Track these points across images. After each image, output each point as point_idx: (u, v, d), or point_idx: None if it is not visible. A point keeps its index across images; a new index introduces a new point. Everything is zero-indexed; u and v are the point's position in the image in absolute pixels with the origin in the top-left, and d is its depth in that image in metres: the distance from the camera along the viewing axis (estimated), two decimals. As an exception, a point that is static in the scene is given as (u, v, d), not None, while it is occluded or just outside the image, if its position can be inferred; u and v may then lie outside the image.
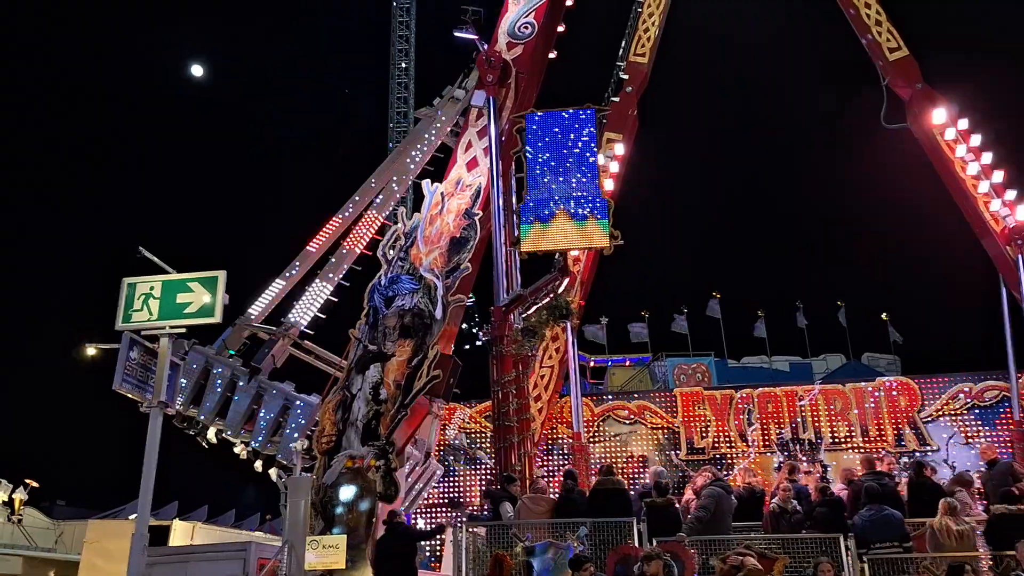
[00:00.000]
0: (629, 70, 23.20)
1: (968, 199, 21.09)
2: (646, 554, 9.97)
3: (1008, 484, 11.98)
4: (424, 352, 14.31)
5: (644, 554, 10.06)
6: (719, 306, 36.58)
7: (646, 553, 10.06)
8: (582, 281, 21.29)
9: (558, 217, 15.38)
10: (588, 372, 35.75)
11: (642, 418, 22.37)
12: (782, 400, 22.08)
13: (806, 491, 12.86)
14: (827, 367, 37.79)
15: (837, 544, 10.91)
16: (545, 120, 16.08)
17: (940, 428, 21.31)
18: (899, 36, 22.66)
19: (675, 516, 12.23)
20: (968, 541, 10.53)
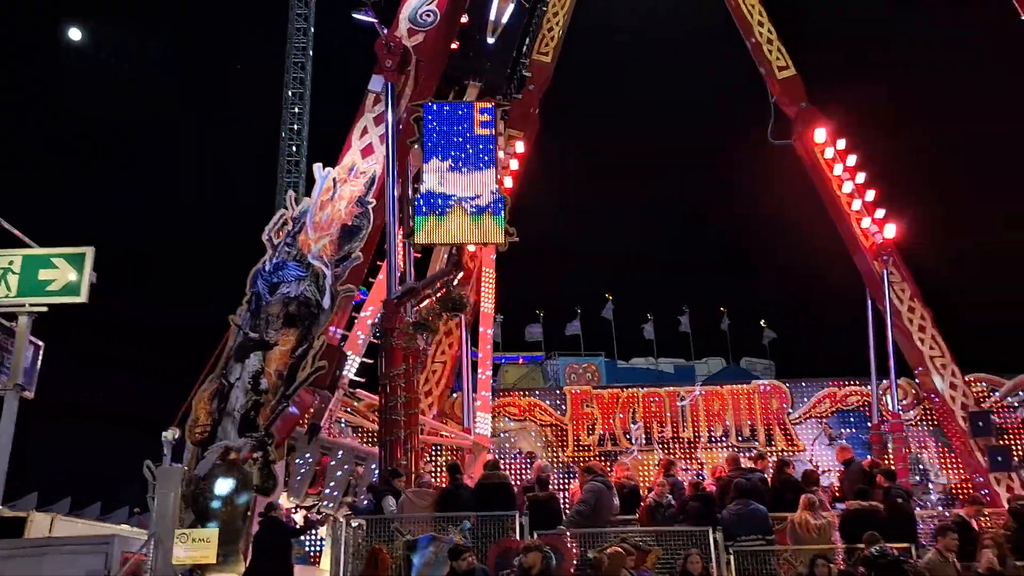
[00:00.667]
0: (532, 68, 23.32)
1: (843, 216, 22.29)
2: (526, 546, 10.08)
3: (863, 482, 12.69)
4: (309, 342, 13.98)
5: (524, 546, 10.17)
6: (612, 308, 37.44)
7: (526, 545, 10.18)
8: (478, 277, 21.32)
9: (454, 210, 15.31)
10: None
11: (532, 415, 22.64)
12: (665, 400, 22.79)
13: (682, 486, 13.27)
14: (709, 369, 39.27)
15: (707, 537, 11.29)
16: (444, 111, 15.97)
17: (807, 430, 22.46)
18: (788, 55, 23.70)
19: (556, 510, 12.43)
20: (825, 534, 11.12)
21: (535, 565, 9.74)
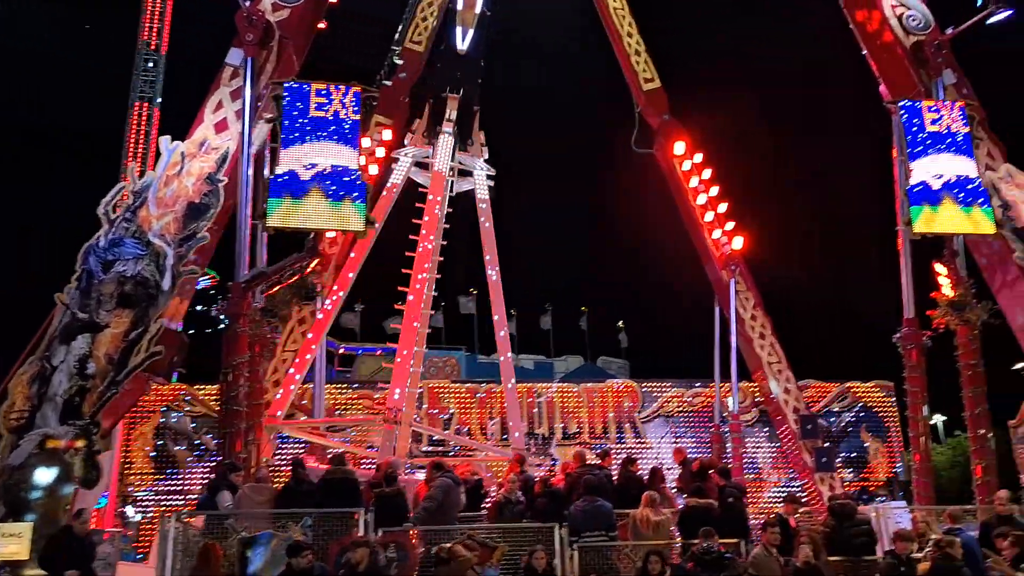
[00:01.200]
0: (404, 56, 22.88)
1: (696, 226, 23.24)
2: (353, 541, 9.85)
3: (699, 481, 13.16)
4: (145, 325, 13.08)
5: (352, 541, 9.93)
6: (474, 303, 37.44)
7: (353, 540, 9.94)
8: (337, 264, 20.72)
9: (312, 194, 14.78)
10: (336, 359, 35.07)
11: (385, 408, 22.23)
12: (523, 396, 22.99)
13: (533, 482, 13.34)
14: (567, 367, 40.00)
15: (552, 533, 11.40)
16: (307, 91, 15.39)
17: (657, 428, 23.29)
18: (654, 68, 24.44)
19: (404, 506, 12.21)
20: (663, 530, 11.46)
21: (362, 561, 9.54)
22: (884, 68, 18.63)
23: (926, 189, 15.05)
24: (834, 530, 11.31)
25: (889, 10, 18.45)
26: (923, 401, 15.42)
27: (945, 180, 15.21)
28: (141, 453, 20.66)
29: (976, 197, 15.14)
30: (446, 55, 21.27)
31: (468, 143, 21.30)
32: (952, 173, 15.28)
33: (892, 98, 17.38)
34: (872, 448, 22.26)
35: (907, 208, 15.07)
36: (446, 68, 21.17)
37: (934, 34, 18.05)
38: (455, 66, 21.01)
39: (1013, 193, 15.61)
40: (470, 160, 21.23)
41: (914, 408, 15.39)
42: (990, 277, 16.43)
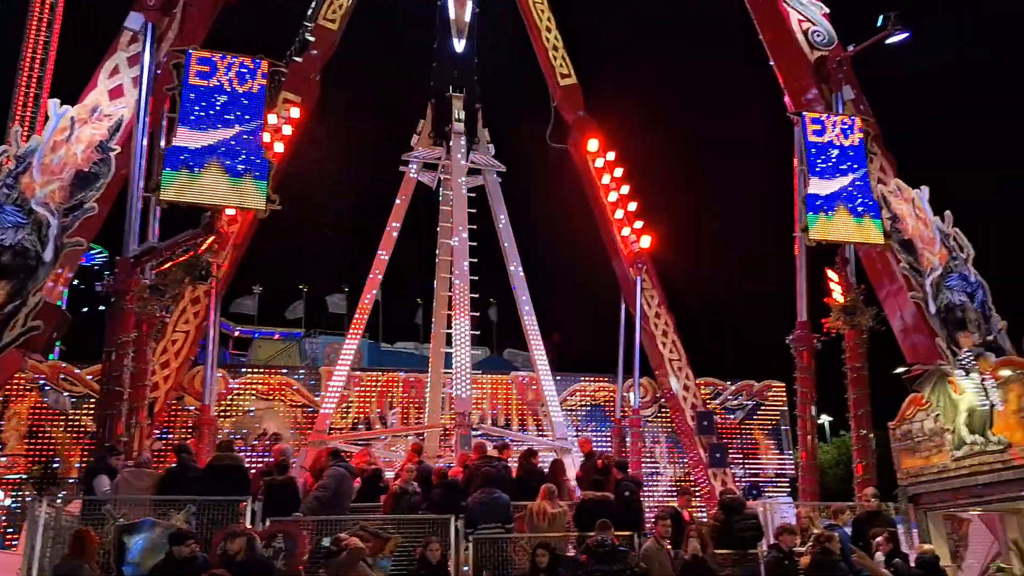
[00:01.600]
0: (317, 33, 22.33)
1: (607, 222, 23.52)
2: (231, 531, 9.51)
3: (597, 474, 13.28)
4: (23, 298, 12.26)
5: (228, 531, 9.58)
6: (380, 290, 36.86)
7: (231, 531, 9.59)
8: (235, 244, 20.02)
9: (210, 169, 14.16)
10: (231, 342, 34.04)
11: (282, 395, 21.70)
12: (426, 386, 22.76)
13: (429, 472, 13.19)
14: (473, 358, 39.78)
15: (448, 524, 11.28)
16: (210, 62, 14.74)
17: (560, 421, 23.44)
18: (571, 64, 24.57)
19: (295, 496, 11.87)
20: (559, 523, 11.51)
21: (240, 551, 9.25)
22: (788, 79, 19.24)
23: (822, 198, 15.59)
24: (723, 523, 11.61)
25: (796, 24, 19.10)
26: (811, 401, 16.01)
27: (840, 191, 15.82)
28: (15, 434, 19.46)
29: (868, 209, 15.80)
30: (442, 56, 22.17)
31: (475, 141, 22.38)
32: (846, 185, 15.91)
33: (795, 109, 17.98)
34: (763, 445, 23.01)
35: (804, 215, 15.58)
36: (442, 69, 22.18)
37: (837, 50, 18.76)
38: (452, 66, 22.08)
39: (901, 207, 16.33)
40: (478, 157, 22.21)
41: (803, 408, 15.98)
42: (877, 285, 17.15)
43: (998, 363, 13.42)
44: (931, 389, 14.33)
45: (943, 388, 14.06)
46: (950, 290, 15.24)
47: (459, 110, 21.65)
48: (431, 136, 22.14)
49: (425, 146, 22.08)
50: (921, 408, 14.48)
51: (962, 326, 14.74)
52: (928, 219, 16.11)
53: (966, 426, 13.53)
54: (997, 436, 13.05)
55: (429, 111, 22.23)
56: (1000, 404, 13.10)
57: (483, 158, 22.32)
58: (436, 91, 22.39)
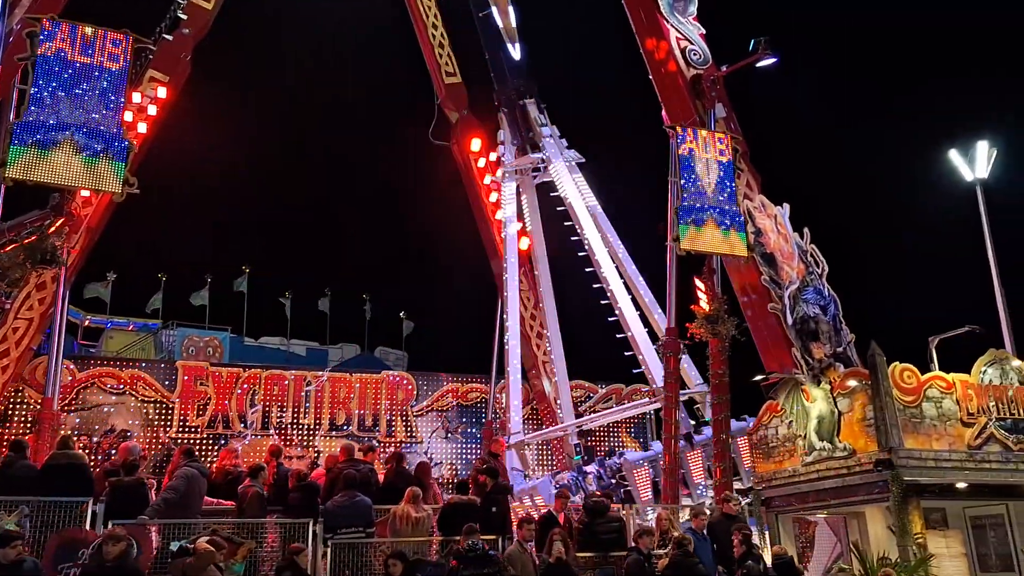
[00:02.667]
0: (190, 11, 21.39)
1: (487, 222, 23.55)
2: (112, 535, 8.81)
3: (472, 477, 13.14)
4: None
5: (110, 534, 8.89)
6: (247, 281, 35.59)
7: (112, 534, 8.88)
8: (89, 227, 18.76)
9: (63, 146, 13.21)
10: (80, 332, 32.01)
11: (134, 389, 20.51)
12: (290, 383, 22.07)
13: (287, 475, 12.73)
14: (343, 355, 39.07)
15: (306, 529, 10.93)
16: (69, 33, 13.78)
17: (428, 423, 23.24)
18: (456, 63, 24.50)
19: (143, 497, 11.19)
20: (423, 527, 11.34)
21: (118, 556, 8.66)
22: (666, 95, 19.86)
23: (693, 210, 16.12)
24: (587, 526, 11.76)
25: (675, 42, 19.77)
26: (676, 405, 16.47)
27: (708, 203, 16.40)
28: None
29: (734, 222, 16.45)
30: (499, 66, 23.57)
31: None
32: (716, 198, 16.50)
33: (671, 123, 18.53)
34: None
35: (676, 226, 16.04)
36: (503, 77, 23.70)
37: (711, 70, 19.53)
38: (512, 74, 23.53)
39: (764, 222, 17.05)
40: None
41: (667, 411, 16.41)
42: (741, 295, 17.90)
43: (846, 374, 14.18)
44: (786, 397, 15.01)
45: (797, 396, 14.75)
46: (806, 303, 15.94)
47: (539, 112, 22.96)
48: (514, 143, 23.34)
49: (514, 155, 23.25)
50: (776, 415, 15.15)
51: (815, 337, 15.45)
52: (788, 235, 16.87)
53: (815, 433, 14.21)
54: (843, 443, 13.78)
55: (503, 120, 23.50)
56: (846, 412, 13.87)
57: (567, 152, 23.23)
58: (507, 100, 23.63)
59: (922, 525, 12.68)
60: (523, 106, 23.34)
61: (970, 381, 13.82)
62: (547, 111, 23.81)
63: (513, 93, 23.68)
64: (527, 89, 23.68)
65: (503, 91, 23.96)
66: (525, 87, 23.69)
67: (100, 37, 13.99)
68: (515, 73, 23.62)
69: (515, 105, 23.62)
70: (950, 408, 13.56)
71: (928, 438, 13.24)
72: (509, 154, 23.56)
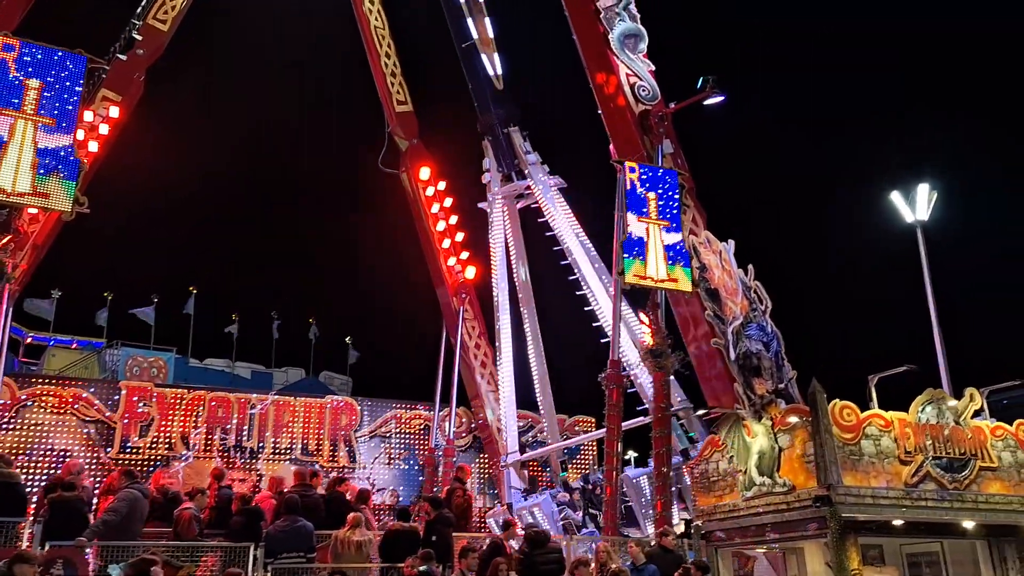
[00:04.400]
0: (145, 32, 21.47)
1: (433, 250, 23.77)
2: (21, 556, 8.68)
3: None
4: None
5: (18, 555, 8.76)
6: (194, 302, 35.16)
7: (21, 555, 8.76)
8: (36, 244, 18.55)
9: (11, 164, 13.21)
10: (22, 349, 31.32)
11: (74, 409, 20.13)
12: (234, 406, 21.88)
13: (230, 498, 12.71)
14: (287, 379, 38.72)
15: (247, 552, 10.93)
16: (22, 51, 13.79)
17: (371, 448, 23.18)
18: (407, 91, 24.82)
19: (83, 515, 11.08)
20: (364, 551, 11.41)
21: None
22: (615, 129, 20.21)
23: (638, 244, 16.51)
24: (527, 556, 11.88)
25: (624, 77, 20.11)
26: (618, 437, 16.70)
27: (655, 238, 16.79)
28: None
29: (679, 257, 16.86)
30: (482, 95, 23.47)
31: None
32: (661, 233, 16.93)
33: (618, 157, 18.92)
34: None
35: (621, 259, 16.38)
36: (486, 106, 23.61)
37: (659, 106, 19.88)
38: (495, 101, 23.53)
39: (709, 257, 17.32)
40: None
41: (609, 444, 16.60)
42: (684, 330, 18.26)
43: (787, 410, 14.27)
44: (727, 431, 15.17)
45: (738, 431, 14.91)
46: (748, 339, 16.19)
47: (523, 140, 23.10)
48: (500, 171, 23.45)
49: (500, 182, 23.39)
50: (717, 449, 15.29)
51: (757, 373, 15.63)
52: (733, 271, 17.14)
53: (756, 468, 14.30)
54: (783, 478, 13.86)
55: (489, 147, 23.62)
56: (787, 448, 14.09)
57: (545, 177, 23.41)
58: (490, 128, 23.64)
59: (859, 562, 12.76)
60: (507, 134, 23.59)
61: (908, 419, 13.92)
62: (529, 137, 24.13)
63: (496, 121, 23.88)
64: (510, 116, 23.94)
65: (487, 119, 24.16)
66: (508, 114, 23.94)
67: (55, 56, 14.03)
68: (498, 102, 23.86)
69: (499, 133, 23.86)
70: (888, 446, 13.62)
71: (866, 475, 13.28)
72: (495, 182, 23.87)
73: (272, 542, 11.26)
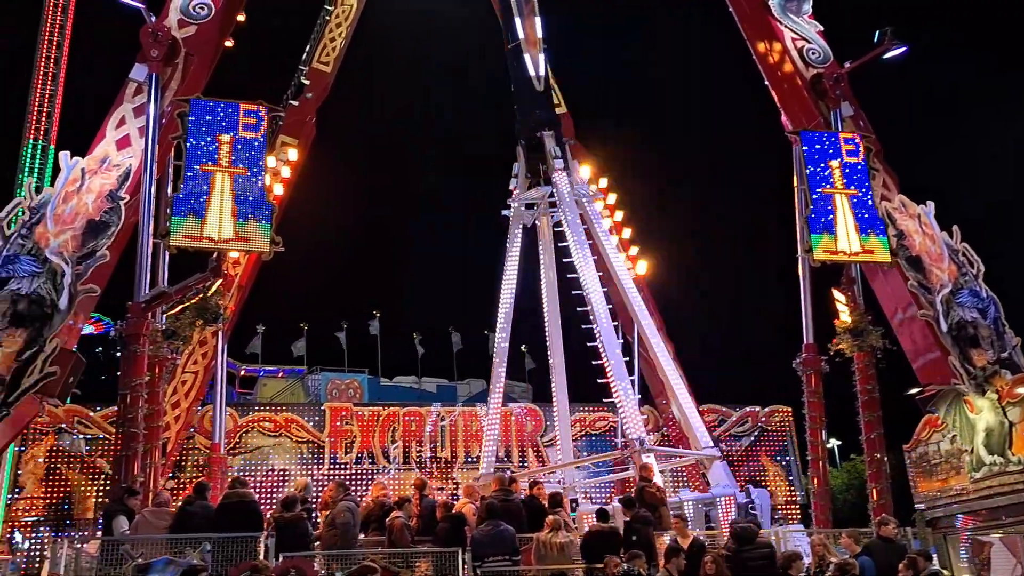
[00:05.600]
0: (311, 76, 22.85)
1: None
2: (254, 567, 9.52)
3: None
4: (40, 345, 12.45)
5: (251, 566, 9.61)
6: (379, 324, 37.09)
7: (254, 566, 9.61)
8: (240, 285, 20.27)
9: (215, 213, 14.45)
10: (237, 381, 34.16)
11: (288, 431, 21.76)
12: (425, 419, 22.82)
13: (433, 506, 13.23)
14: (470, 390, 39.88)
15: (456, 557, 11.29)
16: (212, 109, 15.12)
17: (558, 452, 23.39)
18: (560, 93, 24.81)
19: (304, 530, 11.91)
20: (567, 553, 11.49)
21: None
22: (785, 99, 19.15)
23: (824, 217, 15.58)
24: (734, 553, 11.51)
25: (790, 43, 18.98)
26: (822, 425, 15.89)
27: (843, 209, 15.81)
28: (32, 477, 19.60)
29: (872, 226, 15.75)
30: (523, 95, 21.77)
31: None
32: (850, 202, 15.91)
33: (793, 128, 17.83)
34: (771, 472, 22.90)
35: (807, 236, 15.57)
36: (526, 108, 21.70)
37: (833, 67, 18.60)
38: (534, 104, 21.59)
39: (907, 223, 16.18)
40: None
41: (813, 432, 15.84)
42: (886, 304, 16.89)
43: (1015, 380, 13.16)
44: (946, 410, 14.06)
45: (959, 408, 13.80)
46: (961, 307, 15.05)
47: (553, 146, 21.19)
48: (527, 177, 21.70)
49: (524, 187, 21.59)
50: (937, 429, 14.22)
51: (975, 343, 14.51)
52: (935, 235, 15.94)
53: (984, 446, 13.25)
54: (1016, 456, 12.75)
55: (521, 153, 21.83)
56: (1018, 423, 12.86)
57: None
58: (524, 132, 21.86)
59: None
60: (540, 137, 21.38)
61: None
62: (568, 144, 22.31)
63: (532, 124, 21.79)
64: (546, 120, 21.81)
65: (525, 122, 22.07)
66: (544, 118, 21.81)
67: (240, 110, 15.23)
68: (537, 103, 21.86)
69: (532, 137, 21.72)
70: None
71: (1117, 445, 11.95)
72: (521, 188, 21.83)
73: (478, 546, 11.55)
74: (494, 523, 11.76)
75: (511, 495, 13.02)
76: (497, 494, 12.88)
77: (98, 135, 15.36)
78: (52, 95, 36.24)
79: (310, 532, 11.94)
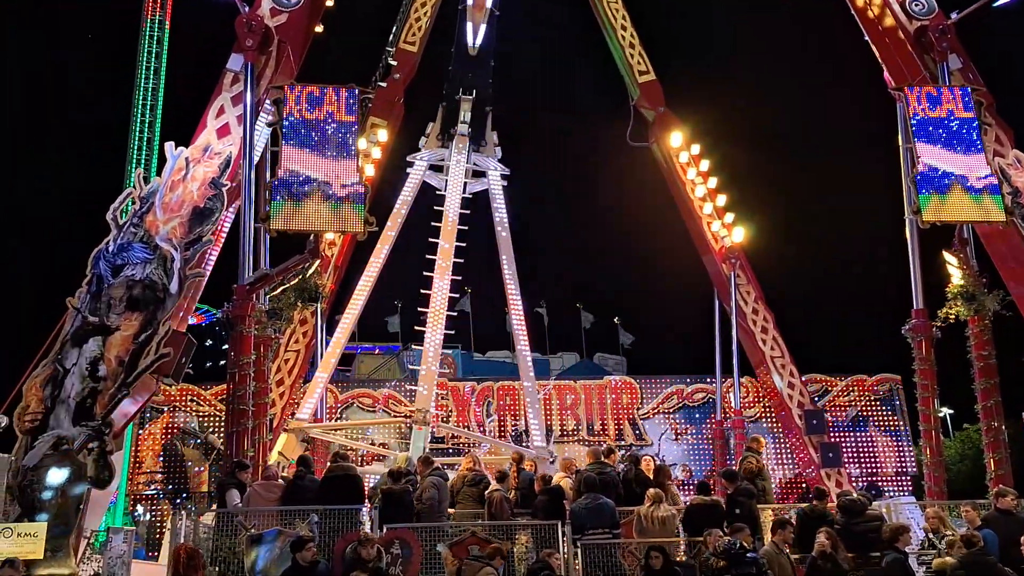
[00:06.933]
0: (398, 57, 23.01)
1: (694, 218, 23.08)
2: (365, 537, 9.88)
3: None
4: (154, 328, 13.11)
5: (364, 537, 9.97)
6: (470, 301, 37.46)
7: (366, 536, 9.94)
8: (336, 265, 20.81)
9: (312, 197, 14.80)
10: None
11: (387, 407, 22.32)
12: (519, 394, 23.01)
13: (531, 480, 13.34)
14: (563, 364, 39.97)
15: (555, 530, 11.38)
16: (305, 95, 15.44)
17: (655, 425, 23.27)
18: (648, 60, 24.31)
19: (409, 503, 12.22)
20: (669, 526, 11.42)
21: (371, 559, 9.76)
22: (887, 55, 18.40)
23: (934, 176, 14.83)
24: (843, 526, 11.22)
25: (891, -4, 18.16)
26: (934, 394, 15.24)
27: (953, 167, 15.00)
28: (150, 453, 20.85)
29: (985, 184, 14.89)
30: (457, 57, 21.31)
31: (481, 143, 21.59)
32: (960, 160, 15.08)
33: (896, 85, 17.08)
34: (880, 442, 22.19)
35: (915, 196, 14.86)
36: (458, 70, 21.20)
37: (938, 19, 17.80)
38: (467, 68, 21.07)
39: (1022, 179, 15.34)
40: (484, 160, 21.44)
41: (924, 401, 15.17)
42: (1001, 265, 16.11)
43: None
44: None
45: (1088, 372, 13.00)
46: (1084, 265, 14.14)
47: (466, 112, 20.89)
48: (438, 138, 21.60)
49: (433, 147, 21.53)
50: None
51: (1096, 303, 13.61)
52: (1054, 190, 15.03)
53: None
54: None
55: (440, 113, 21.68)
56: None
57: (486, 160, 21.62)
58: (447, 93, 21.65)
59: None
60: (457, 100, 21.01)
61: None
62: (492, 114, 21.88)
63: (453, 85, 21.33)
64: (469, 84, 21.08)
65: (447, 81, 21.68)
66: (470, 81, 21.12)
67: (332, 94, 15.53)
68: (466, 65, 21.09)
69: (449, 97, 21.46)
70: None
71: None
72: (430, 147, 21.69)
73: (577, 519, 11.62)
74: (593, 496, 11.79)
75: (606, 468, 13.01)
76: (593, 467, 12.90)
77: (200, 125, 15.95)
78: (155, 88, 37.87)
79: (413, 504, 12.27)
